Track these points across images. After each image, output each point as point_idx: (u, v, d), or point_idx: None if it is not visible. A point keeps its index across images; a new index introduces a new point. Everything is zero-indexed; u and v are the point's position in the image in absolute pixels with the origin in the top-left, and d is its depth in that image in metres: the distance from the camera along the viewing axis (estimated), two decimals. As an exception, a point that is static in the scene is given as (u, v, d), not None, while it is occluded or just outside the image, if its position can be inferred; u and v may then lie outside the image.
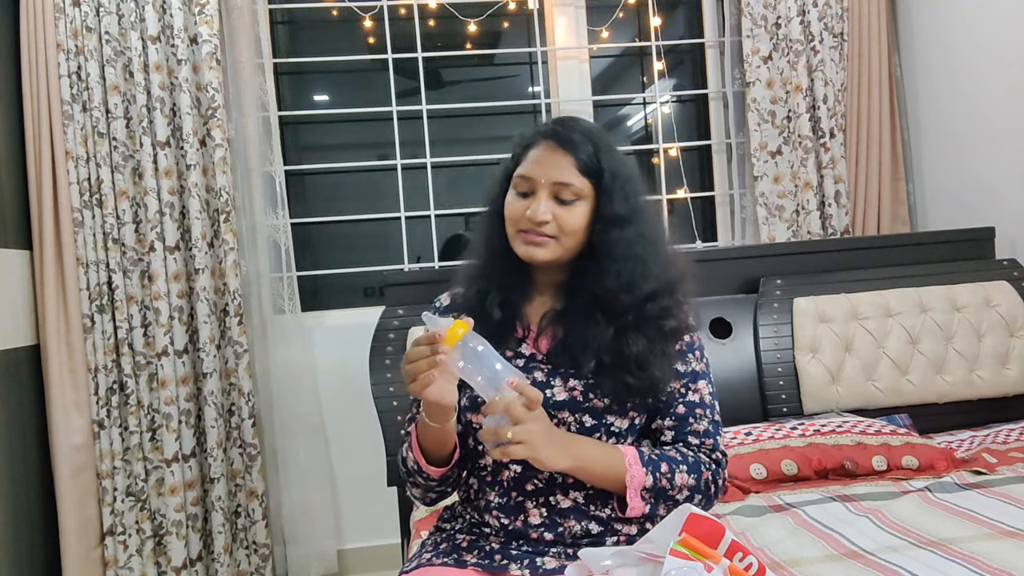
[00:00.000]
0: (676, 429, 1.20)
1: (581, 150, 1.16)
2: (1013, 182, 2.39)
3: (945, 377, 2.14)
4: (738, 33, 2.73)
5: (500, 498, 1.20)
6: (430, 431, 1.14)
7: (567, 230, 1.16)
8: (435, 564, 1.16)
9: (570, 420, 1.18)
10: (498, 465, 1.20)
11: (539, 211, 1.14)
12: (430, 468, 1.18)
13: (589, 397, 1.17)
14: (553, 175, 1.15)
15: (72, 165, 2.28)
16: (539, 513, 1.17)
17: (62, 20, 2.27)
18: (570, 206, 1.16)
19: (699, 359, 1.23)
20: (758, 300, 2.21)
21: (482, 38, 2.89)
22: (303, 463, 2.55)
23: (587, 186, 1.16)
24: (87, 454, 2.32)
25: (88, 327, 2.31)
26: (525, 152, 1.20)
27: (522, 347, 1.24)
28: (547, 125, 1.21)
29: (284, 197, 2.58)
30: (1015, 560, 1.23)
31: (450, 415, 1.12)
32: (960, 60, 2.56)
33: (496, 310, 1.22)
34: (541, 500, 1.18)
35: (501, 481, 1.20)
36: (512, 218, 1.19)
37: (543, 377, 1.20)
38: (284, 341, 2.54)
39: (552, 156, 1.17)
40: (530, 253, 1.17)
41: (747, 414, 2.10)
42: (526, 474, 1.18)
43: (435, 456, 1.18)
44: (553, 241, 1.16)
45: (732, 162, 2.82)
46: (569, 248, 1.18)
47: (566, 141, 1.17)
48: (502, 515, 1.19)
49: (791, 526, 1.50)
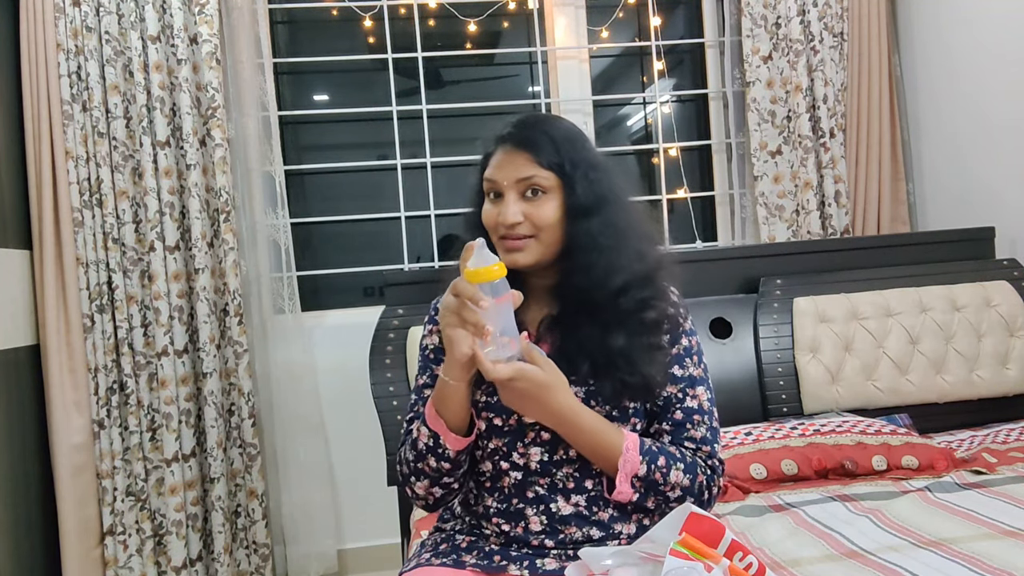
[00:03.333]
0: (673, 434, 1.18)
1: (538, 145, 1.14)
2: (1013, 182, 2.39)
3: (945, 377, 2.14)
4: (738, 33, 2.73)
5: (499, 504, 1.19)
6: (450, 392, 1.11)
7: (541, 225, 1.13)
8: (434, 564, 1.16)
9: None
10: (498, 471, 1.19)
11: (508, 213, 1.13)
12: (453, 437, 1.13)
13: (591, 404, 1.15)
14: (513, 174, 1.14)
15: (72, 165, 2.28)
16: (539, 520, 1.16)
17: (62, 20, 2.27)
18: (538, 201, 1.13)
19: (696, 364, 1.21)
20: (758, 300, 2.21)
21: (482, 38, 2.89)
22: (303, 463, 2.55)
23: (551, 177, 1.14)
24: (87, 454, 2.32)
25: (88, 327, 2.31)
26: (487, 159, 1.20)
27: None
28: (506, 128, 1.19)
29: (284, 197, 2.58)
30: (1015, 560, 1.23)
31: (466, 372, 1.09)
32: (960, 60, 2.56)
33: None
34: (541, 507, 1.16)
35: (501, 487, 1.19)
36: (489, 226, 1.17)
37: None
38: (284, 341, 2.54)
39: (511, 157, 1.15)
40: (512, 259, 1.14)
41: (747, 414, 2.10)
42: (527, 481, 1.17)
43: (456, 425, 1.14)
44: (532, 241, 1.14)
45: (732, 162, 2.82)
46: (550, 244, 1.15)
47: (522, 140, 1.15)
48: (502, 521, 1.18)
49: (791, 526, 1.50)
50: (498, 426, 1.17)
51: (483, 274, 1.02)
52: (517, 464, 1.17)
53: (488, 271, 1.02)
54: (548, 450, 1.16)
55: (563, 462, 1.16)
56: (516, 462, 1.17)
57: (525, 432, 1.17)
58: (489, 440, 1.19)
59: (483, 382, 1.17)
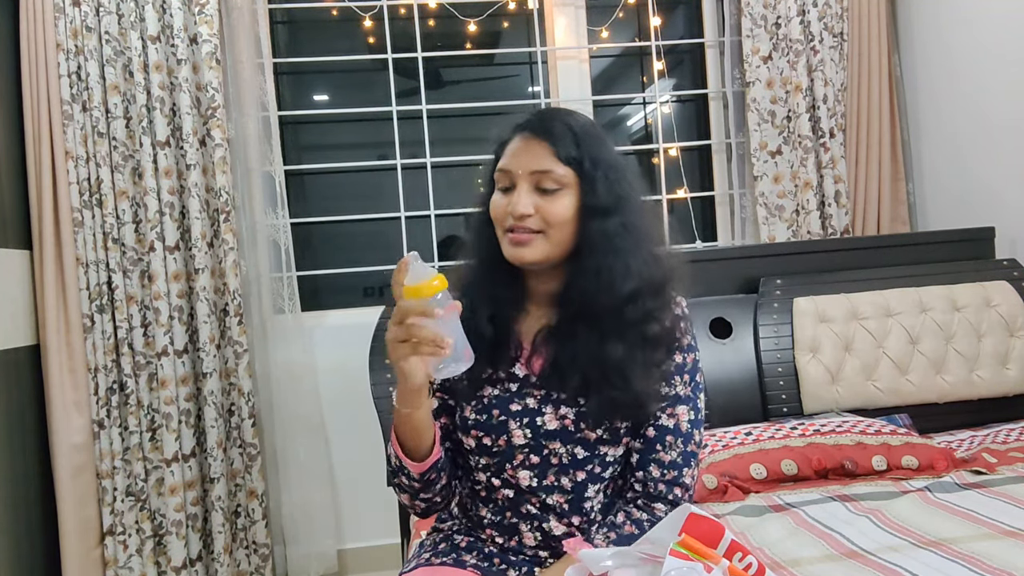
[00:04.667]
0: (642, 453, 1.13)
1: (559, 137, 1.08)
2: (1013, 182, 2.39)
3: (945, 377, 2.14)
4: (738, 33, 2.73)
5: (494, 516, 1.18)
6: (403, 419, 1.06)
7: (552, 222, 1.07)
8: (434, 564, 1.15)
9: (561, 451, 1.12)
10: (491, 485, 1.17)
11: (519, 203, 1.07)
12: (410, 462, 1.10)
13: (581, 427, 1.11)
14: (530, 164, 1.08)
15: (72, 165, 2.28)
16: (533, 537, 1.15)
17: (62, 20, 2.27)
18: (553, 196, 1.07)
19: (687, 383, 1.14)
20: (758, 300, 2.21)
21: (482, 38, 2.89)
22: (303, 463, 2.54)
23: (569, 174, 1.08)
24: (87, 454, 2.32)
25: (88, 327, 2.31)
26: (503, 148, 1.13)
27: (516, 367, 1.16)
28: (524, 117, 1.13)
29: (284, 197, 2.58)
30: (1015, 560, 1.23)
31: (420, 399, 1.03)
32: (960, 60, 2.55)
33: (487, 326, 1.13)
34: (535, 524, 1.15)
35: (496, 499, 1.17)
36: (497, 217, 1.11)
37: (535, 404, 1.13)
38: (284, 341, 2.54)
39: (528, 145, 1.09)
40: (518, 254, 1.08)
41: (747, 414, 2.10)
42: (520, 498, 1.15)
43: (413, 449, 1.09)
44: (540, 236, 1.08)
45: (732, 162, 2.82)
46: (559, 243, 1.08)
47: (542, 130, 1.09)
48: (496, 533, 1.17)
49: (791, 526, 1.50)
50: (487, 445, 1.15)
51: (425, 289, 0.95)
52: (508, 482, 1.15)
53: (429, 286, 0.95)
54: (537, 475, 1.14)
55: (554, 488, 1.14)
56: (508, 479, 1.15)
57: (513, 455, 1.14)
58: (481, 456, 1.17)
59: (474, 399, 1.15)
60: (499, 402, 1.15)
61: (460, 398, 1.18)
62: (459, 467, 1.23)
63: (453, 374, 1.00)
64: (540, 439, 1.12)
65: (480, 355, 1.03)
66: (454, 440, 1.21)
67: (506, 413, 1.14)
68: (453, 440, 1.21)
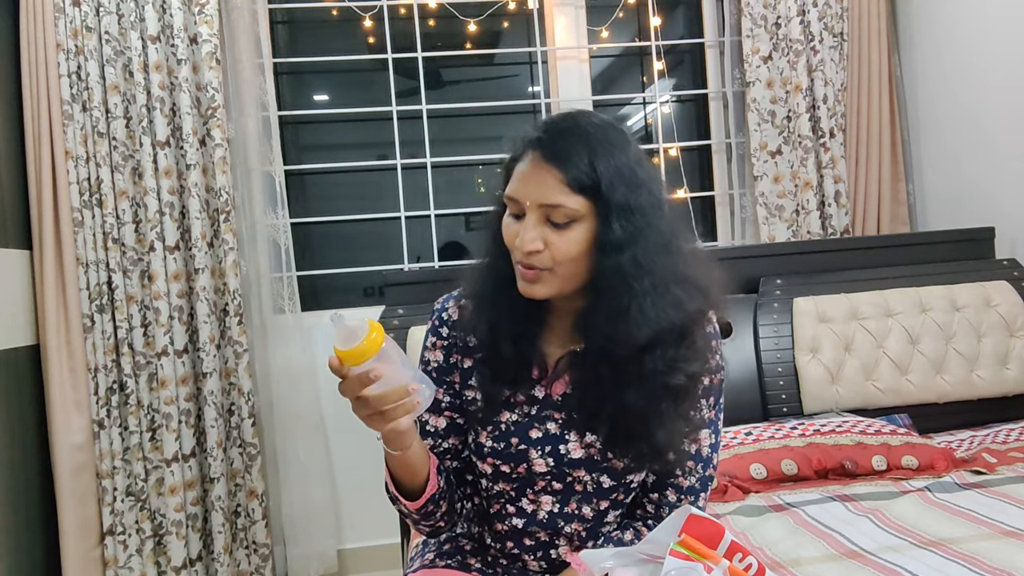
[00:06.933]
0: (661, 476, 1.10)
1: (571, 161, 0.95)
2: (1013, 182, 2.39)
3: (945, 377, 2.14)
4: (738, 33, 2.73)
5: (496, 543, 1.15)
6: (395, 460, 1.01)
7: (560, 259, 0.97)
8: (439, 566, 1.15)
9: (587, 480, 1.08)
10: (504, 512, 1.13)
11: (526, 239, 0.96)
12: (405, 502, 1.05)
13: (607, 456, 1.05)
14: (539, 196, 0.96)
15: (72, 165, 2.28)
16: (538, 565, 1.14)
17: (62, 20, 2.27)
18: (564, 230, 0.96)
19: (711, 405, 1.09)
20: (758, 300, 2.21)
21: (482, 38, 2.89)
22: (303, 463, 2.54)
23: (583, 204, 0.96)
24: (87, 454, 2.32)
25: (88, 327, 2.31)
26: (513, 164, 1.01)
27: (535, 389, 1.09)
28: (535, 130, 1.01)
29: (284, 197, 2.58)
30: (1015, 560, 1.23)
31: (410, 439, 0.97)
32: (960, 60, 2.55)
33: (509, 346, 1.05)
34: (540, 554, 1.13)
35: (497, 529, 1.14)
36: (507, 243, 1.02)
37: (556, 430, 1.07)
38: (284, 341, 2.54)
39: (537, 172, 0.97)
40: (528, 290, 1.00)
41: (747, 414, 2.10)
42: (527, 530, 1.12)
43: (407, 486, 1.05)
44: (547, 273, 0.98)
45: (732, 162, 2.82)
46: (571, 277, 0.99)
47: (553, 153, 0.96)
48: (500, 556, 1.16)
49: (791, 526, 1.50)
50: (506, 473, 1.10)
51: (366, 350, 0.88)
52: (524, 511, 1.11)
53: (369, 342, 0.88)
54: (560, 500, 1.10)
55: (573, 517, 1.11)
56: (523, 508, 1.11)
57: (535, 480, 1.09)
58: (495, 483, 1.12)
59: (489, 424, 1.10)
60: (517, 428, 1.08)
61: (475, 422, 1.12)
62: (467, 484, 1.18)
63: (429, 402, 0.94)
64: (564, 467, 1.07)
65: (503, 376, 1.01)
66: (462, 460, 1.16)
67: (526, 441, 1.08)
68: (461, 460, 1.16)
